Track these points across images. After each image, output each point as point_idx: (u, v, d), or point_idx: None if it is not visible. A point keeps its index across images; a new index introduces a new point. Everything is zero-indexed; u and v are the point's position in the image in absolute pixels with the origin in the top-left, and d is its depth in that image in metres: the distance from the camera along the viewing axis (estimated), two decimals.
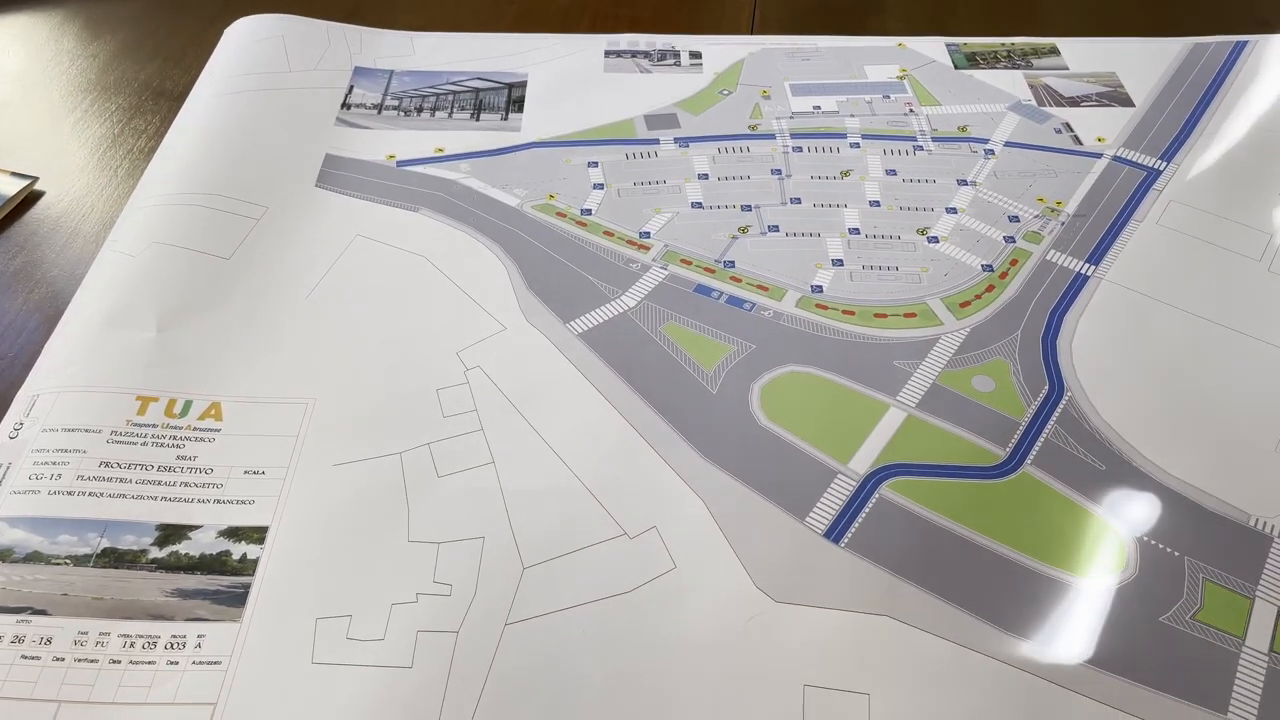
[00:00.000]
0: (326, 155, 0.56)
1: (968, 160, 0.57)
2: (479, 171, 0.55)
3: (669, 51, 0.64)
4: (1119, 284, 0.49)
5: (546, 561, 0.38)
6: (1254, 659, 0.36)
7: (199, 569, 0.38)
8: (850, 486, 0.41)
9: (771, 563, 0.38)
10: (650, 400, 0.44)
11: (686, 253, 0.51)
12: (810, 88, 0.62)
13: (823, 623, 0.36)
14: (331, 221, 0.52)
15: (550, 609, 0.37)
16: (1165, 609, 0.37)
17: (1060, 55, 0.65)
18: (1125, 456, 0.42)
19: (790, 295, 0.49)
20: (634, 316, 0.48)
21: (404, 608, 0.37)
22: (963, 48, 0.65)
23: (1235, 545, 0.39)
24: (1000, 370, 0.45)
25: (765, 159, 0.57)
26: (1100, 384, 0.45)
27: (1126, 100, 0.61)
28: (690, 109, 0.60)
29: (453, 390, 0.44)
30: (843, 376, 0.45)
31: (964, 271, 0.50)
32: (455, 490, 0.40)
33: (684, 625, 0.36)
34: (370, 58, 0.63)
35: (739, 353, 0.46)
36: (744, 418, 0.43)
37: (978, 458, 0.42)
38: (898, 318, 0.48)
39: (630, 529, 0.39)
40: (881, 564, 0.38)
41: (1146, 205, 0.54)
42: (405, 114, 0.59)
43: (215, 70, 0.61)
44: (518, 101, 0.60)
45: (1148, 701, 0.35)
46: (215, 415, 0.43)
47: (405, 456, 0.41)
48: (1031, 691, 0.35)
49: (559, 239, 0.52)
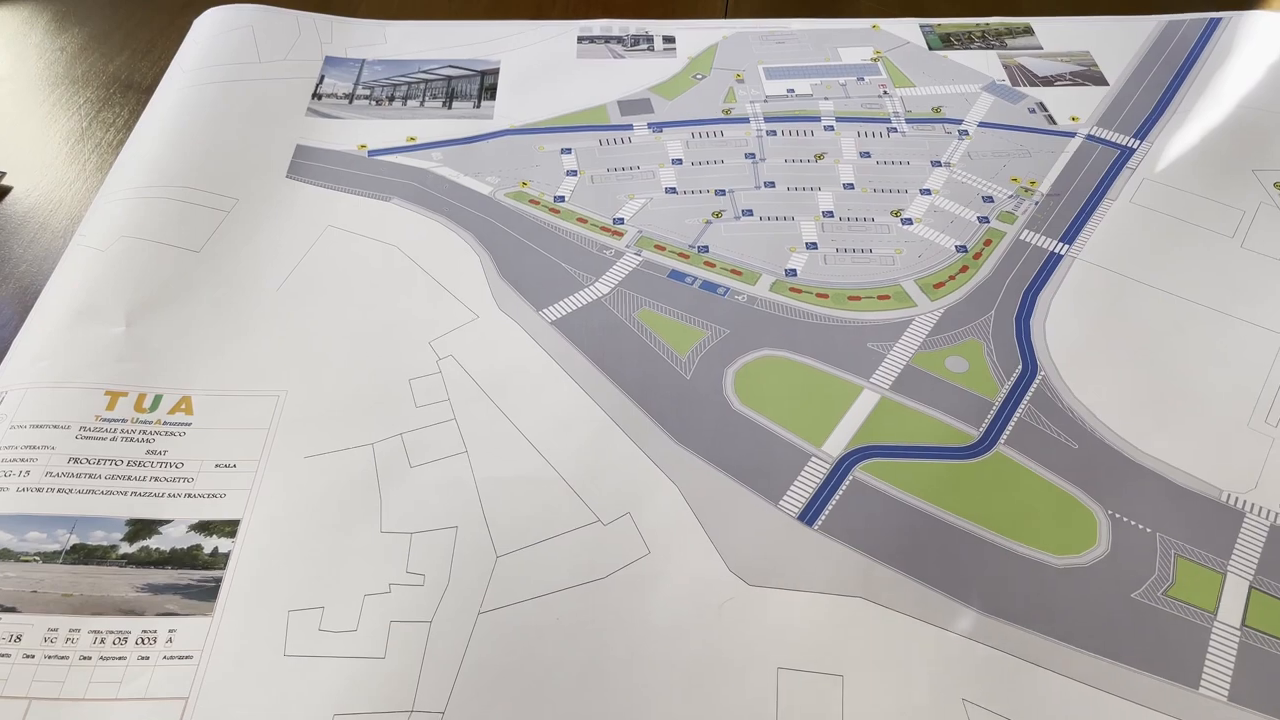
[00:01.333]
0: (297, 146, 0.55)
1: (942, 141, 0.57)
2: (451, 160, 0.55)
3: (642, 36, 0.64)
4: (1092, 263, 0.49)
5: (520, 550, 0.38)
6: (1226, 633, 0.36)
7: (170, 563, 0.37)
8: (824, 469, 0.41)
9: (745, 546, 0.38)
10: (624, 386, 0.44)
11: (660, 238, 0.51)
12: (784, 71, 0.62)
13: (797, 605, 0.36)
14: (302, 212, 0.51)
15: (524, 597, 0.37)
16: (1137, 585, 0.37)
17: (1034, 35, 0.64)
18: (1098, 435, 0.42)
19: (764, 279, 0.49)
20: (607, 303, 0.47)
21: (377, 599, 0.36)
22: (937, 29, 0.65)
23: (1207, 521, 0.39)
24: (974, 351, 0.45)
25: (739, 143, 0.57)
26: (1073, 363, 0.45)
27: (1100, 79, 0.61)
28: (664, 94, 0.60)
29: (425, 380, 0.44)
30: (816, 359, 0.45)
31: (938, 253, 0.50)
32: (428, 480, 0.40)
33: (658, 611, 0.36)
34: (341, 47, 0.63)
35: (713, 338, 0.46)
36: (718, 402, 0.43)
37: (951, 438, 0.42)
38: (871, 300, 0.48)
39: (604, 516, 0.39)
40: (855, 546, 0.38)
41: (1120, 184, 0.54)
42: (377, 103, 0.59)
43: (184, 62, 0.61)
44: (490, 89, 0.60)
45: (1120, 678, 0.35)
46: (185, 409, 0.42)
47: (378, 447, 0.41)
48: (1005, 670, 0.35)
49: (532, 226, 0.51)
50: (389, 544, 0.38)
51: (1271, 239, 0.50)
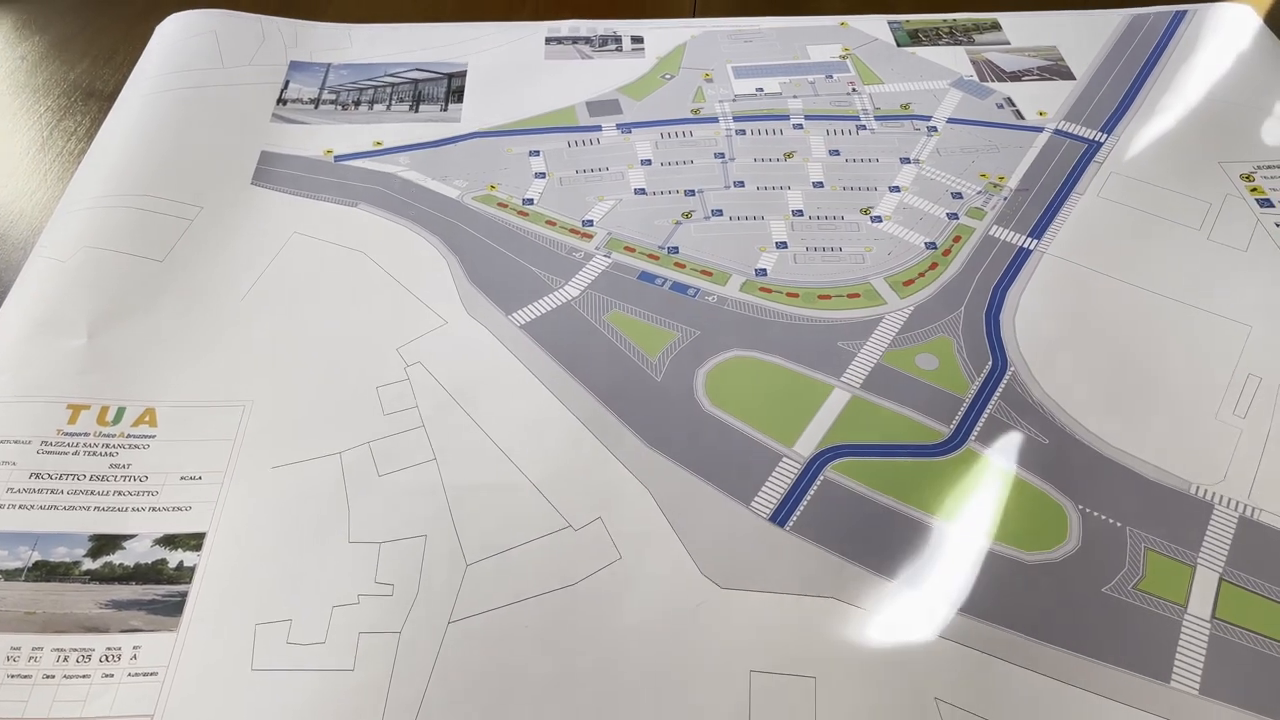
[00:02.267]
0: (262, 152, 0.55)
1: (910, 138, 0.57)
2: (418, 164, 0.55)
3: (610, 37, 0.64)
4: (1061, 257, 0.49)
5: (490, 557, 0.38)
6: (1196, 626, 0.36)
7: (134, 579, 0.37)
8: (795, 469, 0.41)
9: (717, 549, 0.38)
10: (594, 390, 0.43)
11: (630, 240, 0.51)
12: (753, 70, 0.61)
13: (769, 607, 0.36)
14: (268, 219, 0.51)
15: (494, 605, 0.36)
16: (1108, 579, 0.37)
17: (1001, 30, 0.65)
18: (1068, 429, 0.42)
19: (734, 279, 0.49)
20: (577, 306, 0.47)
21: (345, 610, 0.36)
22: (905, 25, 0.65)
23: (1176, 514, 0.39)
24: (944, 348, 0.45)
25: (708, 143, 0.56)
26: (1043, 358, 0.45)
27: (1067, 73, 0.61)
28: (632, 94, 0.60)
29: (393, 387, 0.43)
30: (787, 359, 0.45)
31: (907, 250, 0.50)
32: (396, 489, 0.40)
33: (629, 615, 0.36)
34: (306, 51, 0.62)
35: (683, 339, 0.46)
36: (688, 404, 0.43)
37: (922, 436, 0.42)
38: (841, 298, 0.48)
39: (575, 521, 0.39)
40: (827, 546, 0.38)
41: (1088, 178, 0.54)
42: (343, 108, 0.58)
43: (146, 68, 0.60)
44: (457, 92, 0.60)
45: (1092, 673, 0.35)
46: (149, 421, 0.42)
47: (345, 456, 0.41)
48: (978, 668, 0.35)
49: (500, 230, 0.51)
50: (357, 554, 0.38)
51: (1238, 231, 0.50)
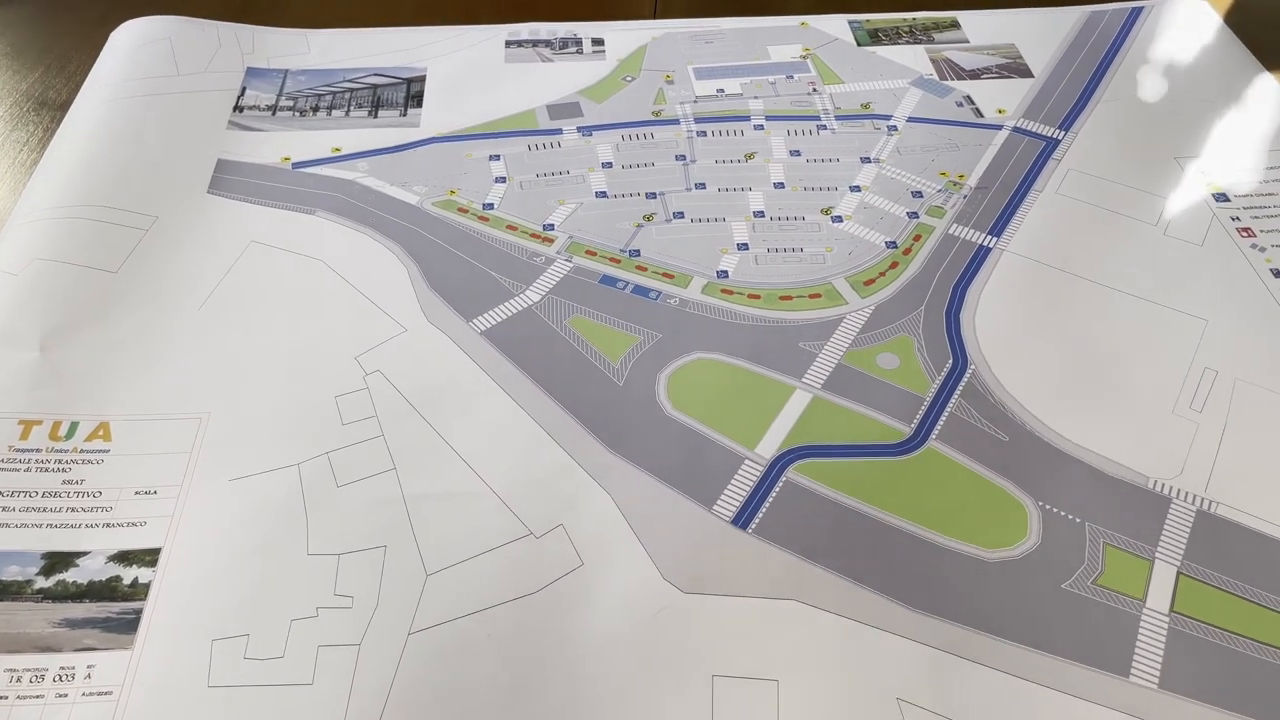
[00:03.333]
0: (218, 160, 0.54)
1: (871, 137, 0.57)
2: (377, 170, 0.54)
3: (571, 39, 0.64)
4: (1020, 255, 0.50)
5: (450, 567, 0.37)
6: (1155, 620, 0.36)
7: (87, 596, 0.36)
8: (757, 472, 0.41)
9: (679, 554, 0.38)
10: (556, 396, 0.43)
11: (591, 243, 0.50)
12: (714, 71, 0.61)
13: (731, 611, 0.36)
14: (224, 228, 0.50)
15: (454, 615, 0.36)
16: (1068, 576, 0.37)
17: (961, 29, 0.65)
18: (1028, 426, 0.42)
19: (696, 282, 0.48)
20: (538, 311, 0.47)
21: (304, 623, 0.36)
22: (865, 24, 0.65)
23: (1135, 508, 0.39)
24: (904, 347, 0.45)
25: (669, 145, 0.56)
26: (1003, 355, 0.45)
27: (1025, 71, 0.61)
28: (593, 97, 0.59)
29: (352, 397, 0.43)
30: (749, 361, 0.45)
31: (868, 249, 0.50)
32: (355, 500, 0.39)
33: (591, 622, 0.36)
34: (263, 57, 0.61)
35: (645, 343, 0.46)
36: (650, 408, 0.43)
37: (883, 435, 0.42)
38: (803, 299, 0.48)
39: (536, 528, 0.39)
40: (789, 548, 0.38)
41: (1046, 175, 0.54)
42: (301, 114, 0.58)
43: (100, 77, 0.59)
44: (416, 96, 0.59)
45: (1052, 669, 0.35)
46: (103, 435, 0.41)
47: (303, 468, 0.40)
48: (939, 667, 0.35)
49: (460, 235, 0.51)
50: (316, 566, 0.37)
51: (1193, 225, 0.51)
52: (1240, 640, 0.36)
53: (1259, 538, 0.38)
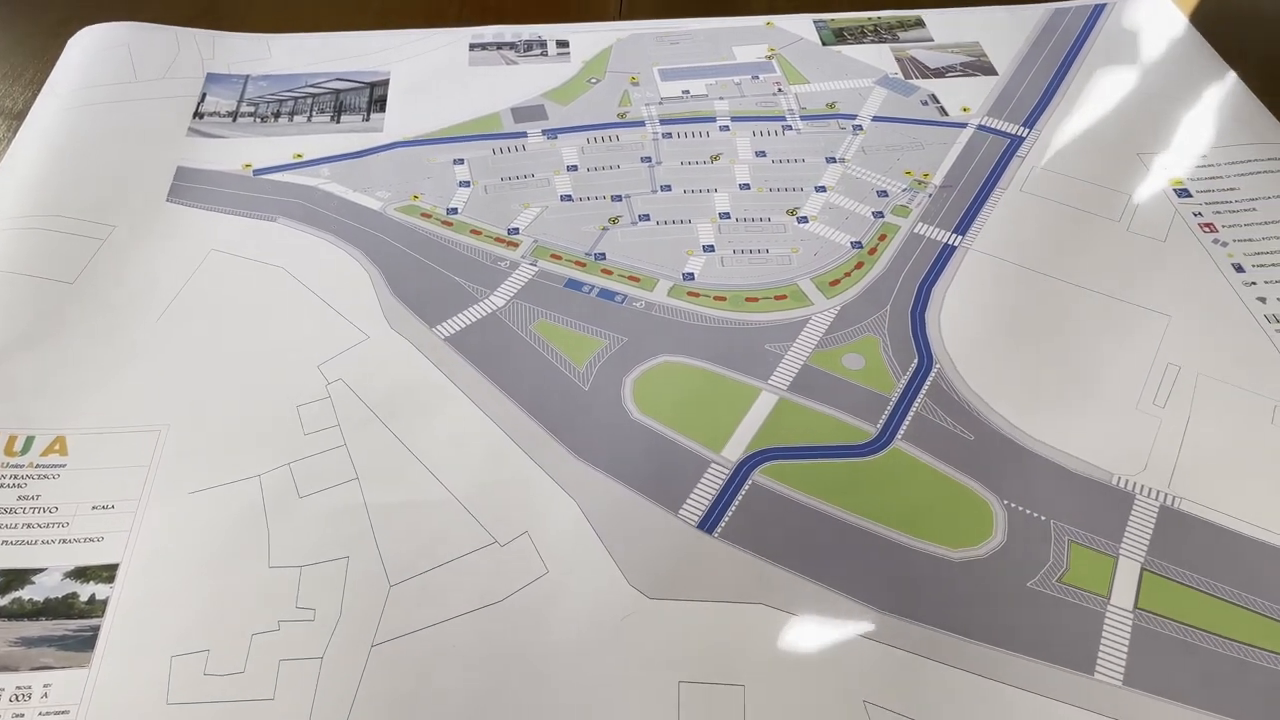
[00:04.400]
0: (178, 168, 0.53)
1: (836, 137, 0.57)
2: (340, 176, 0.54)
3: (535, 41, 0.63)
4: (985, 253, 0.50)
5: (414, 577, 0.37)
6: (1119, 617, 0.36)
7: (44, 614, 0.36)
8: (723, 475, 0.40)
9: (645, 559, 0.38)
10: (520, 402, 0.43)
11: (556, 247, 0.50)
12: (679, 72, 0.61)
13: (697, 616, 0.36)
14: (184, 237, 0.50)
15: (418, 626, 0.36)
16: (1033, 574, 0.37)
17: (925, 27, 0.65)
18: (993, 425, 0.42)
19: (662, 285, 0.48)
20: (503, 316, 0.47)
21: (265, 637, 0.35)
22: (830, 24, 0.65)
23: (1099, 505, 0.40)
24: (870, 347, 0.45)
25: (635, 147, 0.56)
26: (968, 354, 0.45)
27: (990, 69, 0.61)
28: (558, 99, 0.59)
29: (314, 406, 0.42)
30: (714, 364, 0.45)
31: (833, 250, 0.50)
32: (318, 510, 0.39)
33: (556, 630, 0.36)
34: (224, 63, 0.61)
35: (611, 347, 0.45)
36: (616, 413, 0.43)
37: (849, 436, 0.42)
38: (769, 300, 0.47)
39: (501, 536, 0.38)
40: (755, 551, 0.38)
41: (1010, 173, 0.54)
42: (262, 120, 0.57)
43: (57, 85, 0.58)
44: (380, 101, 0.59)
45: (1018, 668, 0.35)
46: (60, 450, 0.40)
47: (264, 479, 0.40)
48: (905, 668, 0.35)
49: (424, 241, 0.50)
50: (277, 579, 0.37)
51: (1155, 222, 0.51)
52: (1204, 635, 0.36)
53: (1221, 532, 0.39)
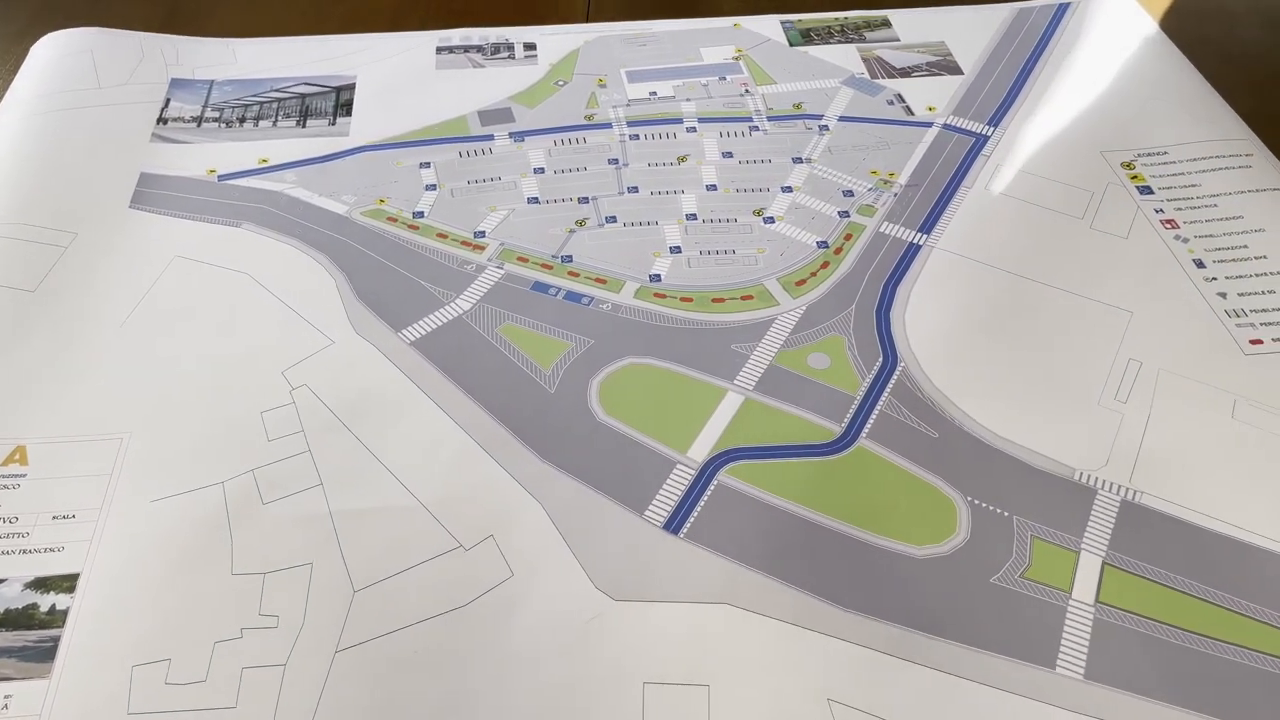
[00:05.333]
0: (141, 174, 0.53)
1: (803, 137, 0.57)
2: (305, 180, 0.53)
3: (503, 44, 0.63)
4: (950, 251, 0.50)
5: (378, 583, 0.37)
6: (1080, 611, 0.37)
7: (4, 625, 0.35)
8: (689, 476, 0.40)
9: (611, 561, 0.38)
10: (486, 405, 0.43)
11: (523, 250, 0.50)
12: (646, 73, 0.61)
13: (662, 617, 0.36)
14: (147, 244, 0.49)
15: (382, 631, 0.36)
16: (996, 570, 0.38)
17: (892, 27, 0.65)
18: (957, 422, 0.42)
19: (629, 286, 0.48)
20: (469, 320, 0.46)
21: (227, 645, 0.35)
22: (797, 24, 0.66)
23: (1061, 501, 0.40)
24: (835, 346, 0.46)
25: (602, 149, 0.56)
26: (933, 352, 0.45)
27: (955, 68, 0.62)
28: (525, 102, 0.59)
29: (278, 412, 0.42)
30: (681, 364, 0.45)
31: (799, 250, 0.50)
32: (281, 517, 0.39)
33: (521, 634, 0.36)
34: (188, 68, 0.60)
35: (577, 349, 0.45)
36: (583, 415, 0.43)
37: (814, 435, 0.42)
38: (735, 301, 0.48)
39: (465, 541, 0.38)
40: (721, 552, 0.38)
41: (975, 171, 0.54)
42: (227, 125, 0.57)
43: (19, 92, 0.58)
44: (346, 105, 0.58)
45: (979, 664, 0.35)
46: (20, 460, 0.40)
47: (227, 486, 0.40)
48: (869, 666, 0.35)
49: (390, 245, 0.50)
50: (240, 586, 0.37)
51: (1118, 218, 0.51)
52: (1164, 628, 0.36)
53: (1181, 525, 0.39)
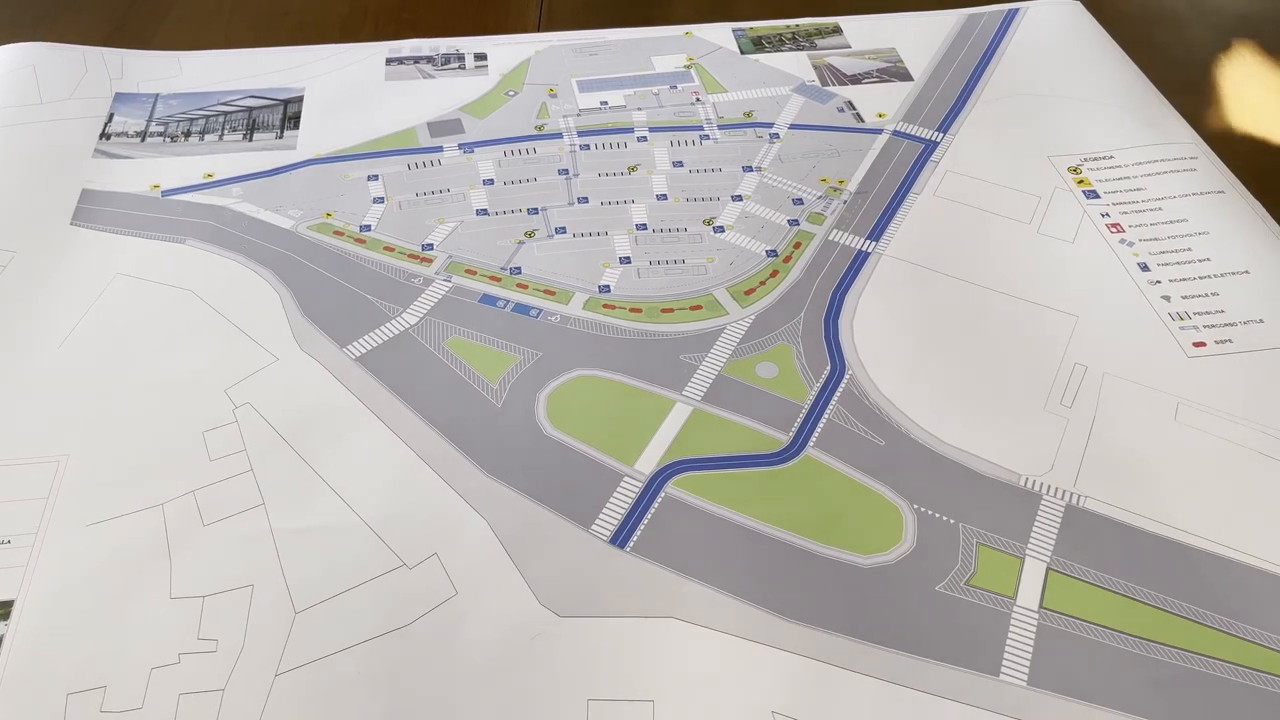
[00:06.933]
0: (83, 190, 0.52)
1: (753, 146, 0.57)
2: (251, 195, 0.53)
3: (453, 55, 0.63)
4: (898, 258, 0.50)
5: (320, 603, 0.36)
6: (1024, 617, 0.37)
7: None
8: (636, 489, 0.40)
9: (556, 577, 0.37)
10: (432, 421, 0.42)
11: (471, 262, 0.50)
12: (598, 83, 0.61)
13: (607, 633, 0.36)
14: (88, 261, 0.49)
15: (324, 653, 0.35)
16: (941, 578, 0.38)
17: (843, 34, 0.66)
18: (904, 429, 0.43)
19: (578, 298, 0.48)
20: (415, 334, 0.46)
21: (164, 670, 0.34)
22: (749, 32, 0.66)
23: (1007, 507, 0.40)
24: (783, 355, 0.46)
25: (552, 159, 0.56)
26: (880, 359, 0.45)
27: (905, 75, 0.62)
28: (475, 113, 0.59)
29: (220, 431, 0.42)
30: (629, 376, 0.44)
31: (749, 259, 0.50)
32: (222, 538, 0.38)
33: (464, 653, 0.35)
34: (133, 82, 0.60)
35: (525, 362, 0.45)
36: (530, 429, 0.42)
37: (761, 445, 0.42)
38: (684, 311, 0.47)
39: (409, 559, 0.38)
40: (667, 565, 0.38)
41: (924, 177, 0.55)
42: (172, 140, 0.56)
43: None
44: (294, 118, 0.58)
45: (926, 672, 0.35)
46: None
47: (167, 507, 0.39)
48: (814, 677, 0.35)
49: (336, 259, 0.50)
50: (178, 610, 0.36)
51: (1065, 223, 0.52)
52: (1107, 632, 0.36)
53: (1125, 529, 0.39)
